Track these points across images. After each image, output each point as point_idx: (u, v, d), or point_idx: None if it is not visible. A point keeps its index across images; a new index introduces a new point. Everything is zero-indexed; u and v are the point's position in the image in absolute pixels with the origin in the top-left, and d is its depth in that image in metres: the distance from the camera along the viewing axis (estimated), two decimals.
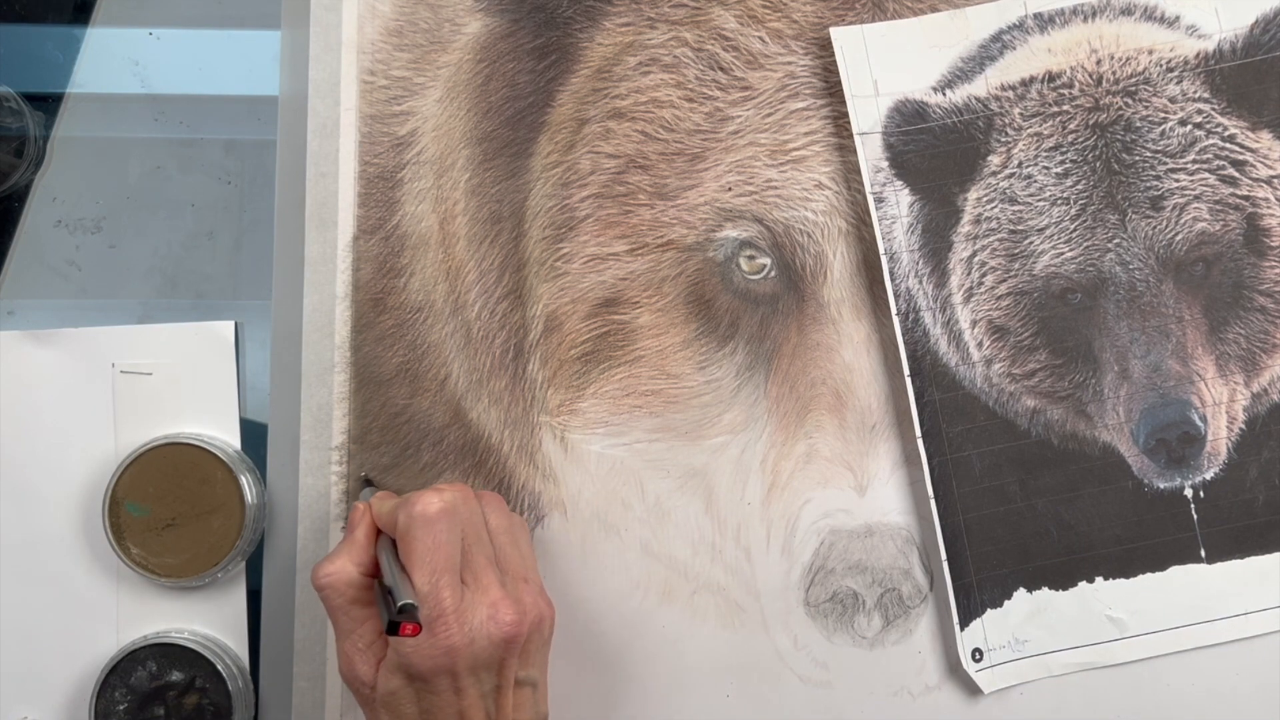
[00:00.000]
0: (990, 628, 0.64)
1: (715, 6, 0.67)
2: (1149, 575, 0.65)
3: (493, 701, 0.54)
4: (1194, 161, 0.65)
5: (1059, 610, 0.64)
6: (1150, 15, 0.66)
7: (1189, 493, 0.65)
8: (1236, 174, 0.65)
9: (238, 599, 0.66)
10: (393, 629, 0.51)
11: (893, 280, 0.65)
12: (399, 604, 0.51)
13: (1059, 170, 0.65)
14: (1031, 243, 0.65)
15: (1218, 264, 0.65)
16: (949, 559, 0.64)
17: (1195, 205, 0.65)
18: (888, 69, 0.66)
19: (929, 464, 0.64)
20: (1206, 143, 0.65)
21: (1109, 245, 0.65)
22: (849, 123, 0.65)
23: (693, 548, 0.65)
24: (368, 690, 0.55)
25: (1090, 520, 0.65)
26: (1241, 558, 0.65)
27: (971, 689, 0.64)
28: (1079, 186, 0.65)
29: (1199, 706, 0.65)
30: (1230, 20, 0.66)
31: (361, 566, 0.56)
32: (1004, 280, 0.65)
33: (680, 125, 0.66)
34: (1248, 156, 0.65)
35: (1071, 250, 0.65)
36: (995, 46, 0.66)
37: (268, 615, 0.66)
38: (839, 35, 0.66)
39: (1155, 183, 0.65)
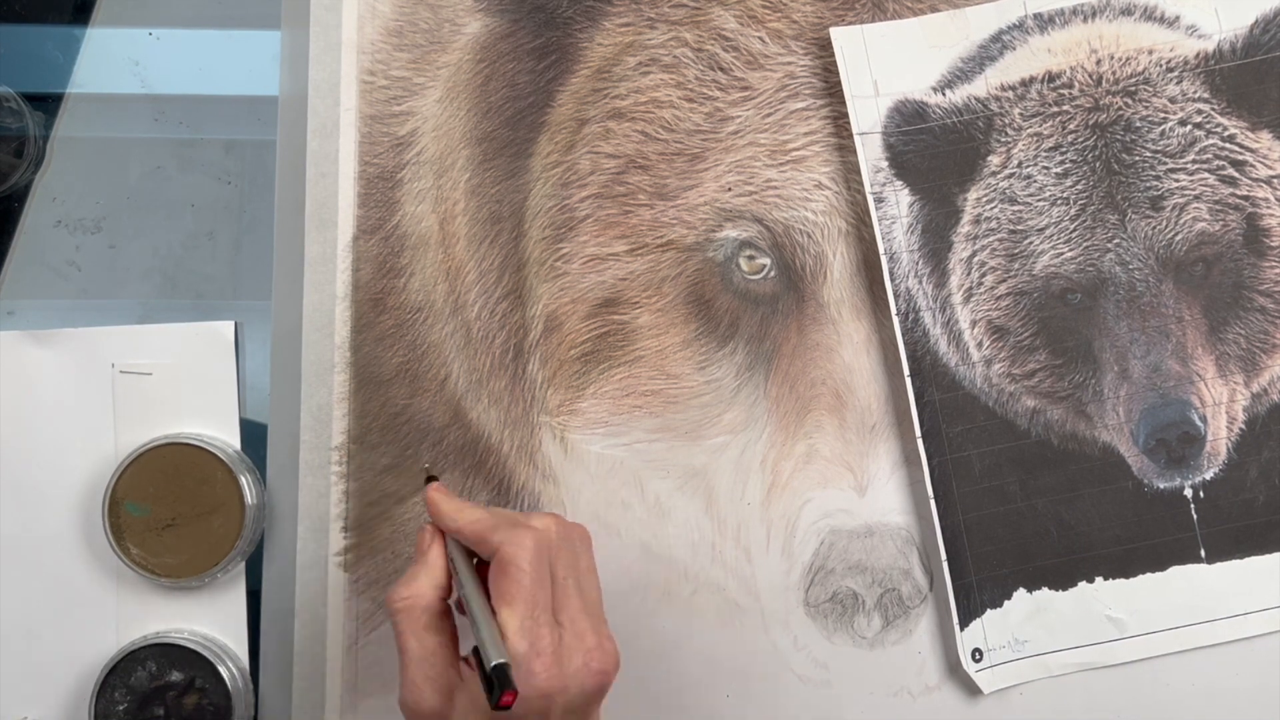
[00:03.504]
0: (990, 628, 0.64)
1: (715, 6, 0.67)
2: (1149, 575, 0.65)
3: None
4: (1194, 161, 0.65)
5: (1059, 610, 0.64)
6: (1150, 15, 0.66)
7: (1189, 493, 0.65)
8: (1236, 174, 0.65)
9: (238, 599, 0.66)
10: (493, 700, 0.48)
11: (893, 280, 0.65)
12: (493, 664, 0.48)
13: (1059, 170, 0.65)
14: (1031, 243, 0.65)
15: (1218, 264, 0.65)
16: (949, 559, 0.64)
17: (1195, 205, 0.65)
18: (888, 69, 0.66)
19: (929, 464, 0.64)
20: (1206, 143, 0.65)
21: (1109, 245, 0.65)
22: (849, 123, 0.65)
23: (693, 548, 0.65)
24: None
25: (1090, 520, 0.65)
26: (1241, 558, 0.65)
27: (971, 689, 0.64)
28: (1079, 186, 0.65)
29: (1199, 706, 0.65)
30: (1230, 20, 0.66)
31: (439, 590, 0.53)
32: (1004, 280, 0.65)
33: (680, 125, 0.66)
34: (1247, 156, 0.65)
35: (1071, 250, 0.65)
36: (995, 47, 0.66)
37: (268, 615, 0.66)
38: (839, 35, 0.66)
39: (1155, 183, 0.65)
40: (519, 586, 0.51)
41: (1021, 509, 0.65)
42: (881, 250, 0.65)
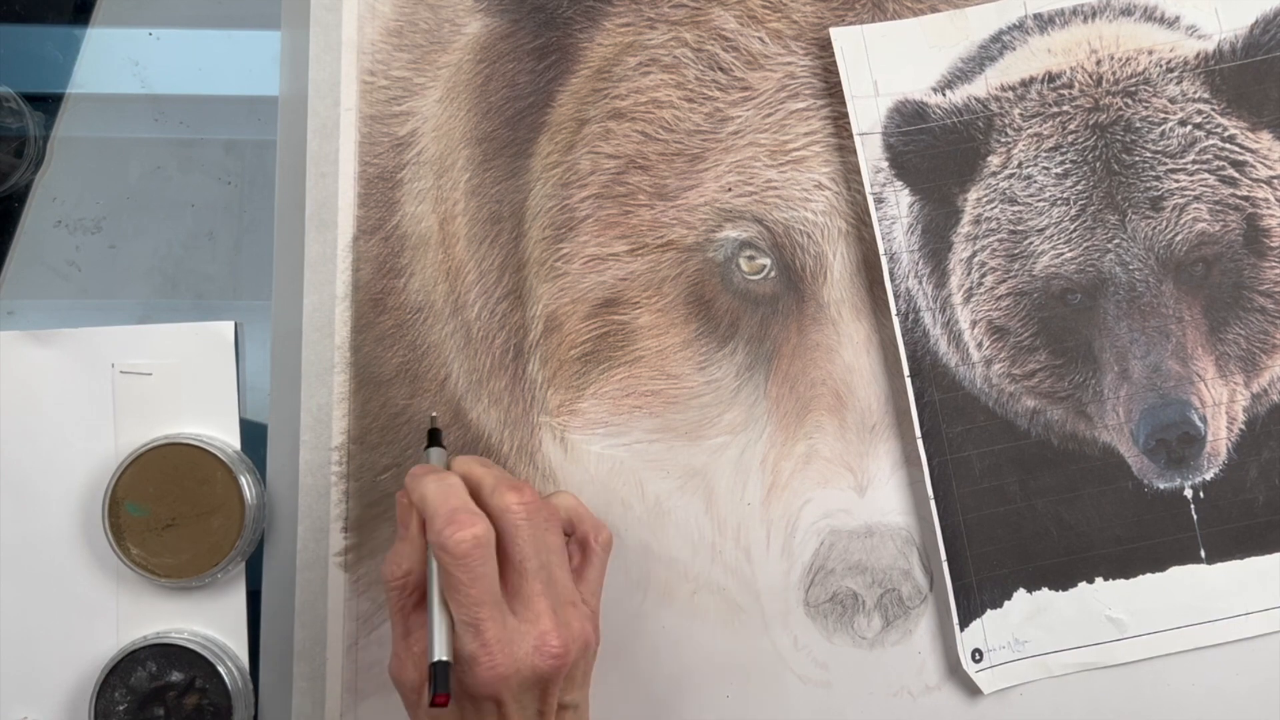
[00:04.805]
0: (990, 628, 0.64)
1: (715, 6, 0.67)
2: (1149, 575, 0.65)
3: None
4: (1194, 162, 0.65)
5: (1059, 610, 0.64)
6: (1150, 15, 0.66)
7: (1189, 493, 0.65)
8: (1236, 174, 0.65)
9: (238, 599, 0.66)
10: (429, 698, 0.50)
11: (893, 280, 0.65)
12: (431, 661, 0.51)
13: (1059, 171, 0.65)
14: (1031, 243, 0.65)
15: (1218, 264, 0.65)
16: (949, 559, 0.64)
17: (1195, 205, 0.65)
18: (888, 69, 0.66)
19: (929, 464, 0.64)
20: (1206, 143, 0.65)
21: (1109, 246, 0.65)
22: (849, 123, 0.65)
23: (693, 548, 0.65)
24: (415, 696, 0.54)
25: (1090, 520, 0.65)
26: (1241, 558, 0.65)
27: (971, 689, 0.64)
28: (1079, 187, 0.65)
29: (1199, 706, 0.65)
30: (1230, 20, 0.66)
31: (425, 565, 0.55)
32: (1004, 281, 0.65)
33: (680, 125, 0.66)
34: (1248, 157, 0.65)
35: (1071, 251, 0.65)
36: (995, 47, 0.66)
37: (268, 615, 0.66)
38: (839, 35, 0.66)
39: (1155, 183, 0.65)
40: (452, 589, 0.52)
41: (1021, 509, 0.65)
42: (881, 250, 0.65)
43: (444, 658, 0.51)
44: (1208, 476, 0.65)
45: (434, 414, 0.63)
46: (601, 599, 0.65)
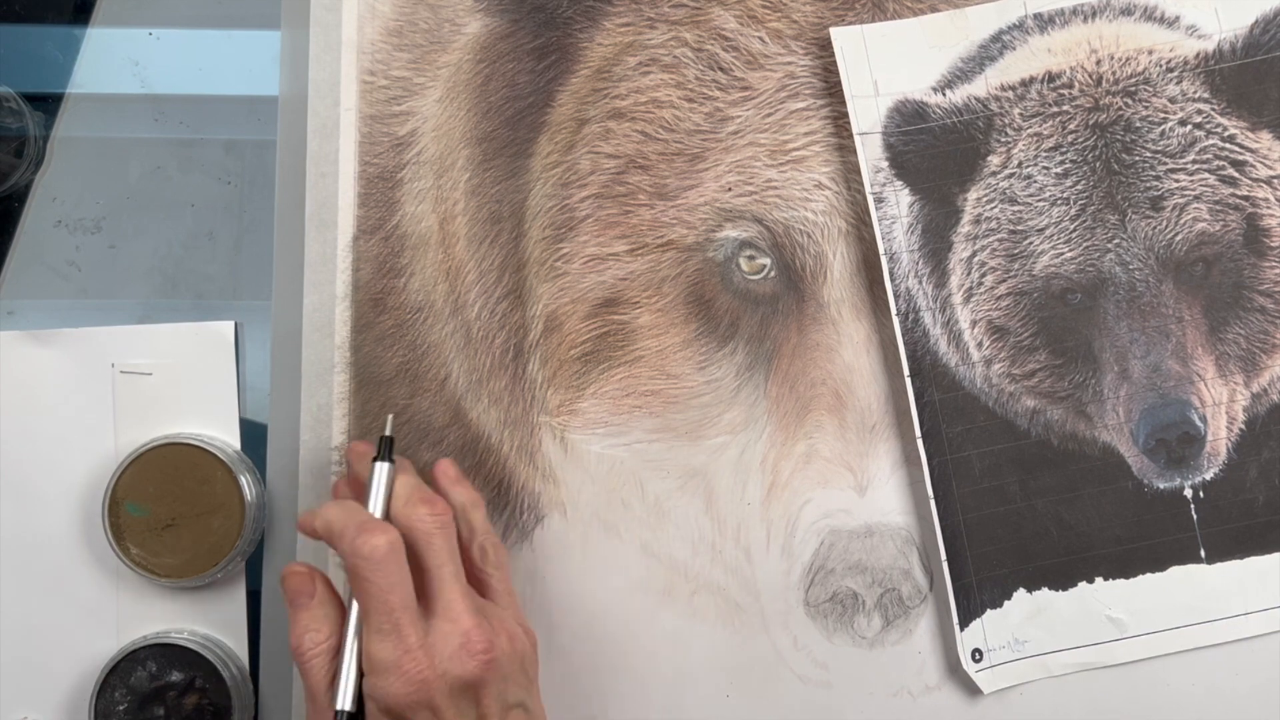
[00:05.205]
0: (990, 628, 0.64)
1: (715, 6, 0.67)
2: (1149, 575, 0.65)
3: None
4: (1194, 162, 0.65)
5: (1059, 610, 0.64)
6: (1150, 15, 0.66)
7: (1189, 493, 0.65)
8: (1236, 174, 0.65)
9: (238, 599, 0.66)
10: None
11: (893, 280, 0.65)
12: (336, 709, 0.53)
13: (1059, 170, 0.65)
14: (1031, 243, 0.65)
15: (1218, 264, 0.65)
16: (949, 559, 0.64)
17: (1195, 205, 0.65)
18: (888, 69, 0.66)
19: (929, 464, 0.64)
20: (1206, 143, 0.65)
21: (1109, 245, 0.65)
22: (849, 123, 0.65)
23: (693, 548, 0.65)
24: None
25: (1090, 520, 0.65)
26: (1241, 558, 0.65)
27: (971, 689, 0.64)
28: (1079, 187, 0.65)
29: (1199, 706, 0.65)
30: (1230, 20, 0.66)
31: (343, 622, 0.55)
32: (1004, 280, 0.65)
33: (680, 125, 0.66)
34: (1248, 157, 0.65)
35: (1071, 250, 0.65)
36: (995, 46, 0.66)
37: (268, 615, 0.66)
38: (839, 35, 0.66)
39: (1155, 183, 0.65)
40: (368, 597, 0.52)
41: (1021, 509, 0.65)
42: (881, 250, 0.65)
43: (348, 708, 0.52)
44: (1208, 476, 0.65)
45: (390, 416, 0.60)
46: (598, 600, 0.65)
